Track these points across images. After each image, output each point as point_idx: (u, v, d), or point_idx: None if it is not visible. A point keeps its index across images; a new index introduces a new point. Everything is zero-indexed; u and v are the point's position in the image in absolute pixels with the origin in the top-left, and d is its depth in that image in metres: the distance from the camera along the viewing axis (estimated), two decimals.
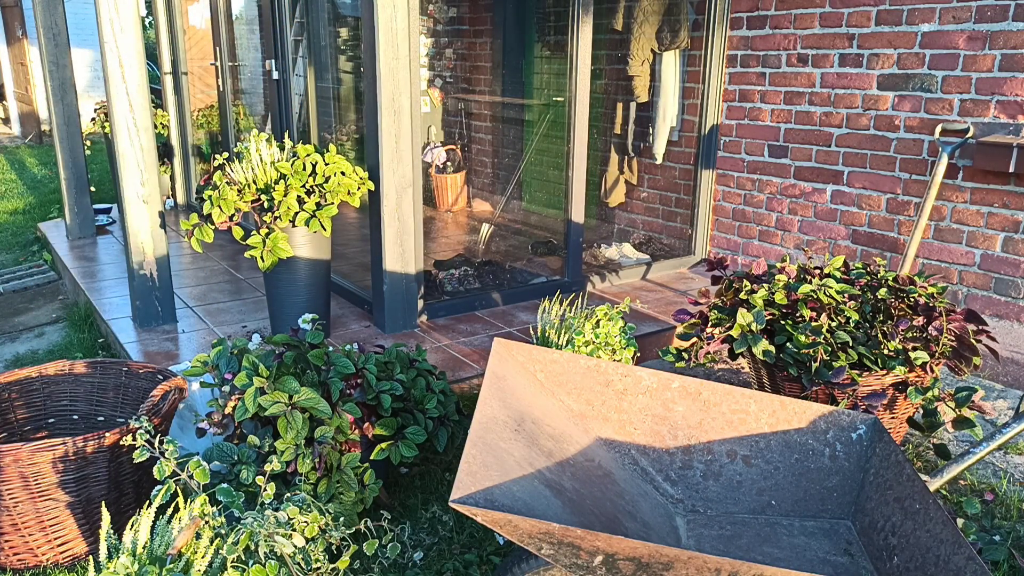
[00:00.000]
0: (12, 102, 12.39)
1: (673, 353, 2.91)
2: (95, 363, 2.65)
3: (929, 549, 1.64)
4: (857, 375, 2.49)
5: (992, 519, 2.47)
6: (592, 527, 1.62)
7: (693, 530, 1.98)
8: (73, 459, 2.13)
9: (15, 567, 2.22)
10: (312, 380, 2.31)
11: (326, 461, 2.20)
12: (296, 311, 3.45)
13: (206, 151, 6.54)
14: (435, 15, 6.42)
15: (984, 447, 2.09)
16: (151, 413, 2.26)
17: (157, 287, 3.71)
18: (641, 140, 5.21)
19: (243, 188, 3.26)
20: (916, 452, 2.95)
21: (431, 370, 2.64)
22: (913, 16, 3.81)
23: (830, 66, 4.17)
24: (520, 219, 5.99)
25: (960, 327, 2.62)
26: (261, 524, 1.73)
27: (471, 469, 1.48)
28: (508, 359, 2.02)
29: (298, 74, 4.88)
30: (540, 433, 1.83)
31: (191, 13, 6.32)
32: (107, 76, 3.40)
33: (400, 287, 3.69)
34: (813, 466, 2.05)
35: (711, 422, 2.08)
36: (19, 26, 11.41)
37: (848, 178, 4.20)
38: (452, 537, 2.38)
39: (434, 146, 6.21)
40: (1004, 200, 3.62)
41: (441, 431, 2.48)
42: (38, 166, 9.27)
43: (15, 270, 5.18)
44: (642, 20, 4.73)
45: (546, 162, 5.85)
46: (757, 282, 2.87)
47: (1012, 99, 3.53)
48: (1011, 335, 3.66)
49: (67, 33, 5.07)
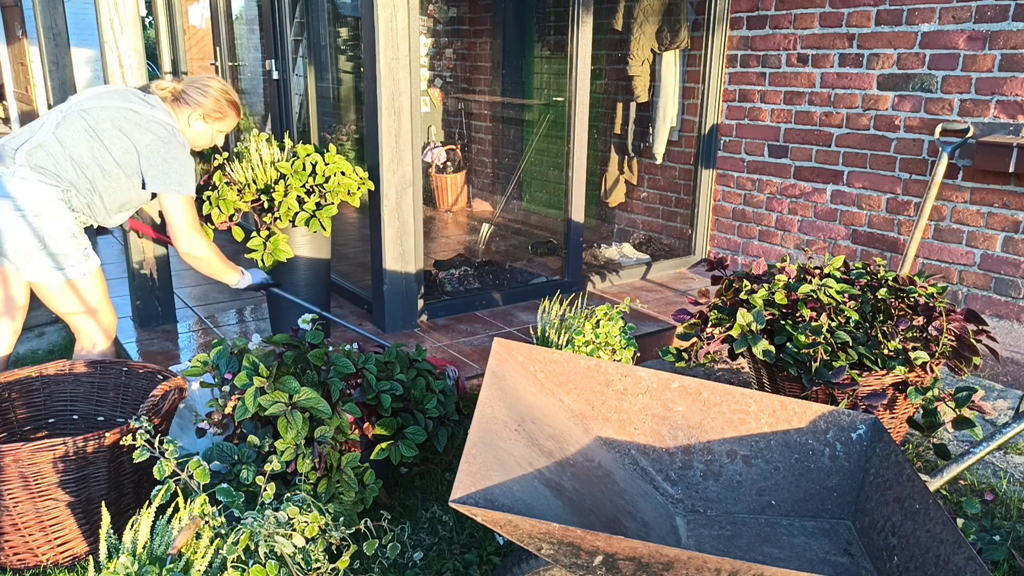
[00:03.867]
0: (12, 102, 12.40)
1: (673, 353, 2.91)
2: (95, 363, 2.65)
3: (929, 549, 1.64)
4: (857, 375, 2.49)
5: (992, 519, 2.47)
6: (592, 527, 1.62)
7: (693, 530, 1.98)
8: (73, 459, 2.13)
9: (15, 567, 2.22)
10: (312, 380, 2.31)
11: (326, 461, 2.20)
12: (296, 311, 3.46)
13: (206, 151, 6.53)
14: (435, 15, 6.42)
15: (984, 447, 2.09)
16: (151, 413, 2.26)
17: (157, 287, 3.71)
18: (641, 140, 5.22)
19: (243, 188, 3.26)
20: (916, 452, 2.95)
21: (431, 370, 2.64)
22: (913, 16, 3.81)
23: (830, 66, 4.17)
24: (520, 219, 5.99)
25: (960, 327, 2.62)
26: (261, 524, 1.73)
27: (471, 469, 1.48)
28: (508, 359, 2.02)
29: (298, 74, 4.88)
30: (540, 433, 1.83)
31: (191, 13, 6.32)
32: (107, 76, 3.39)
33: (400, 287, 3.69)
34: (813, 466, 2.05)
35: (711, 422, 2.08)
36: (19, 26, 11.42)
37: (848, 178, 4.20)
38: (452, 537, 2.38)
39: (434, 146, 6.21)
40: (1004, 200, 3.62)
41: (441, 431, 2.48)
42: None
43: None
44: (642, 20, 4.73)
45: (546, 162, 5.85)
46: (757, 282, 2.87)
47: (1012, 99, 3.53)
48: (1011, 335, 3.66)
49: (67, 33, 5.07)
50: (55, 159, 2.58)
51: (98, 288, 2.73)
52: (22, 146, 2.56)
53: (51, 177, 2.56)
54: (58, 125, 2.63)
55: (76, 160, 2.61)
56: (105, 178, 2.67)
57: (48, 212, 2.55)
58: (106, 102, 2.71)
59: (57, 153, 2.58)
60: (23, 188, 2.52)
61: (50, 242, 2.57)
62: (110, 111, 2.68)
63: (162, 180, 2.73)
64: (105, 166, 2.66)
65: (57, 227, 2.57)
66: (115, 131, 2.67)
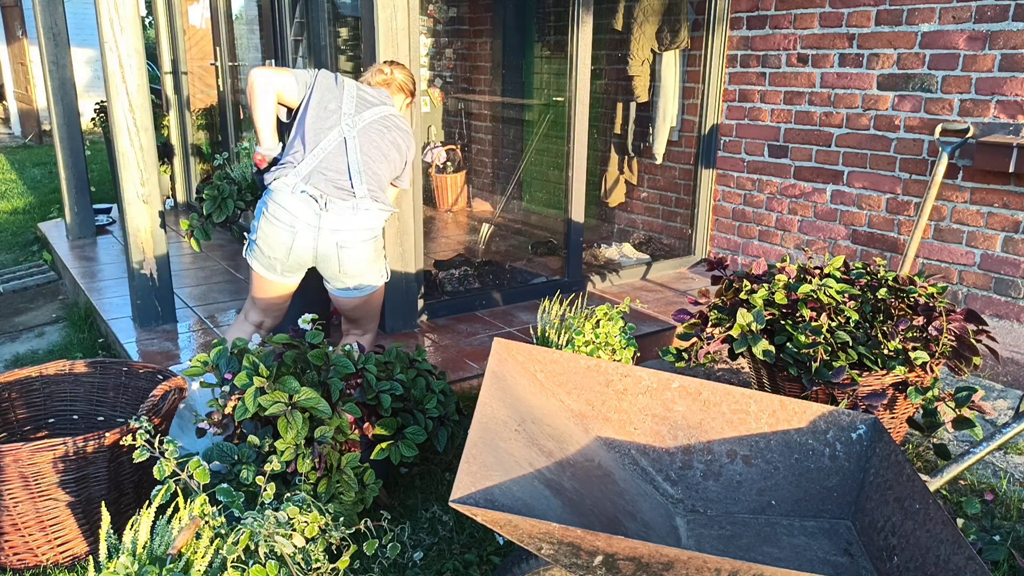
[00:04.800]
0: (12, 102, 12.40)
1: (673, 353, 2.91)
2: (95, 363, 2.65)
3: (929, 549, 1.64)
4: (857, 375, 2.49)
5: (992, 519, 2.47)
6: (592, 527, 1.62)
7: (693, 530, 1.98)
8: (73, 459, 2.13)
9: (15, 567, 2.22)
10: (312, 380, 2.31)
11: (326, 461, 2.20)
12: (296, 311, 3.45)
13: (206, 151, 6.54)
14: (435, 15, 6.42)
15: (984, 447, 2.09)
16: (151, 413, 2.26)
17: (157, 287, 3.71)
18: (641, 140, 5.21)
19: (243, 188, 3.26)
20: (916, 452, 2.95)
21: (431, 370, 2.64)
22: (913, 16, 3.81)
23: (830, 66, 4.17)
24: (520, 219, 5.99)
25: (960, 327, 2.62)
26: (261, 524, 1.73)
27: (471, 469, 1.48)
28: (508, 359, 2.02)
29: None
30: (540, 433, 1.83)
31: (191, 13, 6.31)
32: (107, 76, 3.40)
33: (400, 287, 3.69)
34: (813, 466, 2.05)
35: (711, 422, 2.08)
36: (19, 26, 11.42)
37: (848, 178, 4.20)
38: (452, 537, 2.38)
39: (434, 146, 6.21)
40: (1004, 200, 3.62)
41: (441, 431, 2.48)
42: (38, 166, 9.27)
43: (15, 270, 5.18)
44: (642, 20, 4.72)
45: (546, 162, 5.85)
46: (757, 282, 2.87)
47: (1012, 99, 3.53)
48: (1011, 335, 3.66)
49: (67, 33, 5.07)
50: (378, 181, 2.76)
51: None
52: (352, 177, 2.69)
53: (382, 201, 2.76)
54: (359, 151, 2.72)
55: (381, 180, 2.78)
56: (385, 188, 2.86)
57: (380, 230, 2.82)
58: (366, 114, 2.78)
59: (372, 177, 2.74)
60: (369, 218, 2.73)
61: (380, 255, 2.87)
62: (378, 121, 2.79)
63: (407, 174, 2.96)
64: (393, 174, 2.86)
65: (382, 241, 2.88)
66: (393, 149, 2.81)
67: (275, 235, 2.66)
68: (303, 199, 2.63)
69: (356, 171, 2.68)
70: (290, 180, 2.64)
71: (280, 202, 2.64)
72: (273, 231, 2.66)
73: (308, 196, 2.63)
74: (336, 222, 2.66)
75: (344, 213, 2.66)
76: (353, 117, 2.72)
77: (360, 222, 2.70)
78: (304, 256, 2.71)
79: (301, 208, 2.63)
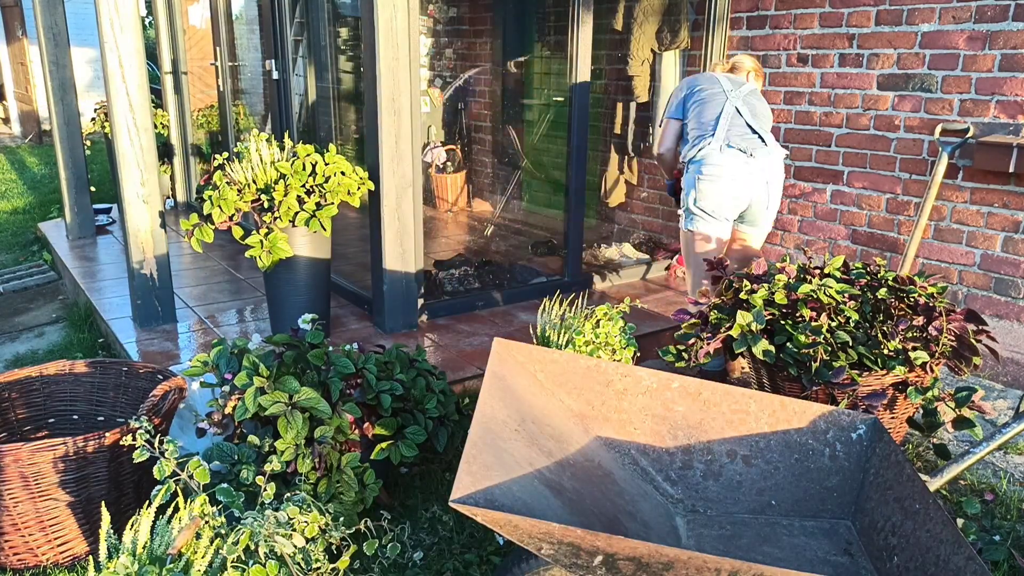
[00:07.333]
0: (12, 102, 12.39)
1: (673, 353, 2.91)
2: (95, 363, 2.65)
3: (929, 549, 1.64)
4: (857, 375, 2.49)
5: (992, 519, 2.47)
6: (592, 527, 1.62)
7: (693, 530, 1.98)
8: (73, 459, 2.13)
9: (15, 567, 2.22)
10: (312, 380, 2.31)
11: (326, 461, 2.20)
12: (296, 311, 3.45)
13: (206, 151, 6.54)
14: (435, 15, 6.42)
15: (984, 447, 2.09)
16: (151, 413, 2.26)
17: (157, 287, 3.71)
18: (641, 140, 5.21)
19: (243, 188, 3.26)
20: (916, 452, 2.95)
21: (431, 370, 2.64)
22: (913, 16, 3.81)
23: (830, 66, 4.17)
24: (520, 219, 5.99)
25: (960, 327, 2.62)
26: (261, 524, 1.73)
27: (471, 469, 1.48)
28: (508, 359, 2.02)
29: (298, 74, 4.88)
30: (540, 433, 1.83)
31: (191, 13, 6.32)
32: (107, 76, 3.40)
33: (400, 287, 3.69)
34: (813, 466, 2.05)
35: (711, 422, 2.08)
36: (19, 26, 11.41)
37: (848, 178, 4.20)
38: (452, 537, 2.38)
39: (434, 146, 6.21)
40: (1004, 200, 3.62)
41: (441, 431, 2.48)
42: (38, 166, 9.27)
43: (15, 270, 5.18)
44: (642, 20, 4.72)
45: (546, 162, 5.85)
46: (757, 282, 2.87)
47: (1012, 99, 3.53)
48: (1011, 335, 3.66)
49: (67, 33, 5.07)
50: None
51: None
52: (756, 134, 3.30)
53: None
54: (751, 115, 3.33)
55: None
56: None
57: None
58: (744, 92, 3.39)
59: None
60: (781, 166, 3.38)
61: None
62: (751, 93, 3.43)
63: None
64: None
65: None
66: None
67: (716, 188, 3.26)
68: (732, 153, 3.24)
69: (757, 127, 3.31)
70: (715, 144, 3.24)
71: (713, 161, 3.24)
72: (713, 186, 3.26)
73: (736, 150, 3.24)
74: (762, 164, 3.27)
75: (765, 157, 3.27)
76: (733, 92, 3.35)
77: (780, 168, 3.35)
78: (743, 199, 3.31)
79: (730, 160, 3.24)
